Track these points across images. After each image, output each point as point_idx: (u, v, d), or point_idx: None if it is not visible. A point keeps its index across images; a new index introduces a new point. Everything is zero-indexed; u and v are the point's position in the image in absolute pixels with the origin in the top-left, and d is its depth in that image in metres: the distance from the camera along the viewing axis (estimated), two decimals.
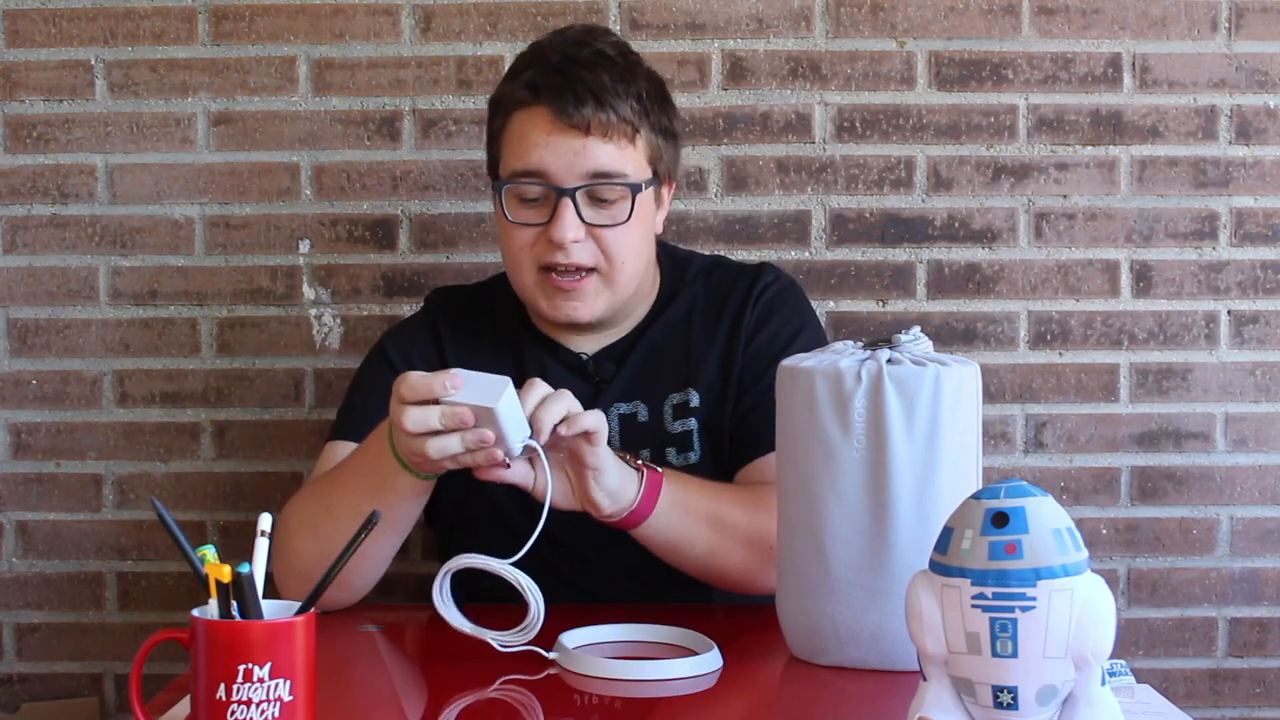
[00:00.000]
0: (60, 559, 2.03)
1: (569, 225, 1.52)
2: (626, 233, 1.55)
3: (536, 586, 1.27)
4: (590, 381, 1.62)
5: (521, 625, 1.28)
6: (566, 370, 1.63)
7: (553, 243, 1.53)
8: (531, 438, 1.30)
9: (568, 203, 1.52)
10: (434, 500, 1.64)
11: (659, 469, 1.42)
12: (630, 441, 1.59)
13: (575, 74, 1.52)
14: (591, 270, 1.55)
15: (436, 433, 1.29)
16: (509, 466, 1.33)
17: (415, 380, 1.30)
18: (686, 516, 1.43)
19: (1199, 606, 2.06)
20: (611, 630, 1.35)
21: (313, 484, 1.55)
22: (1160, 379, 2.05)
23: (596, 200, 1.54)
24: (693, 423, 1.61)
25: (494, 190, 1.59)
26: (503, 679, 1.24)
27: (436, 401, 1.29)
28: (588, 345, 1.65)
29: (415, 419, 1.29)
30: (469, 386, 1.28)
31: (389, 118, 2.01)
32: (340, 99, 2.01)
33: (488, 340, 1.66)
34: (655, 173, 1.59)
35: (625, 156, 1.54)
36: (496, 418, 1.27)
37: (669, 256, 1.72)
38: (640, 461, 1.42)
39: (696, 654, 1.27)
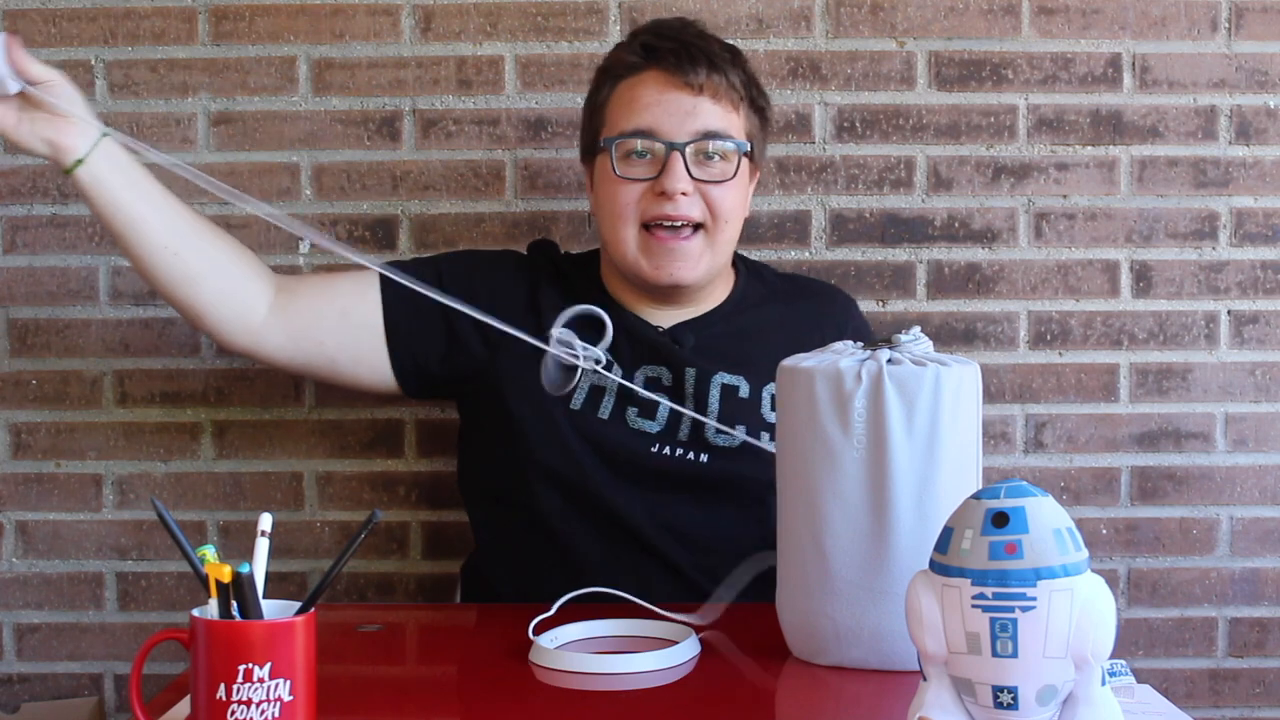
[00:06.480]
0: (60, 559, 2.03)
1: (679, 177, 1.57)
2: (731, 190, 1.60)
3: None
4: (672, 348, 1.64)
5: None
6: (648, 340, 1.65)
7: (662, 194, 1.57)
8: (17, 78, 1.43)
9: (678, 157, 1.57)
10: (469, 466, 1.72)
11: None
12: (728, 412, 1.62)
13: (689, 41, 1.61)
14: (698, 227, 1.60)
15: None
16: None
17: None
18: None
19: (1199, 606, 2.06)
20: (600, 626, 1.36)
21: None
22: (1160, 379, 2.05)
23: (704, 157, 1.59)
24: None
25: (602, 148, 1.62)
26: (498, 678, 1.24)
27: None
28: (663, 319, 1.67)
29: None
30: None
31: (389, 118, 2.01)
32: (340, 99, 2.01)
33: (576, 298, 1.65)
34: (751, 149, 1.64)
35: (731, 121, 1.61)
36: None
37: (741, 257, 1.77)
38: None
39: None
